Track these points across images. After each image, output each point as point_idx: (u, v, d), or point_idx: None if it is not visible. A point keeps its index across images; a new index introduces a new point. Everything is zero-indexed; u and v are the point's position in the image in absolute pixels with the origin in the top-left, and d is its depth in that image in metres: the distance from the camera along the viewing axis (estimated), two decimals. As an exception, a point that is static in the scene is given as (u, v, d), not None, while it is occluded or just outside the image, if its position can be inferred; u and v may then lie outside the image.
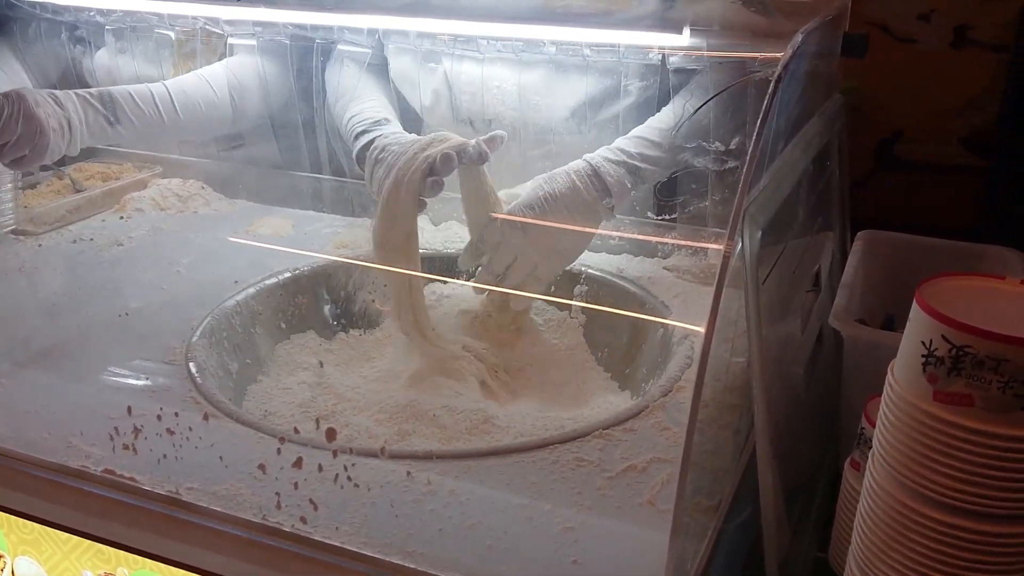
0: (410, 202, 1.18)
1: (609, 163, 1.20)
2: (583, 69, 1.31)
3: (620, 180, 1.20)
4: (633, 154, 1.21)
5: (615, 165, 1.20)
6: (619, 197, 1.21)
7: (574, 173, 1.19)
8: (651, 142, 1.22)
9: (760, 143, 0.74)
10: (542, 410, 1.17)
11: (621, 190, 1.20)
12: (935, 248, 1.27)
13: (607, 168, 1.20)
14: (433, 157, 1.16)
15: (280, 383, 1.22)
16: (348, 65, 1.47)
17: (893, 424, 0.71)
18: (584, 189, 1.18)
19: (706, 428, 0.77)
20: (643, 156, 1.21)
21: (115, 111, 1.44)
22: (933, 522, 0.69)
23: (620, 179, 1.20)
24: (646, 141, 1.22)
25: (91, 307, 1.26)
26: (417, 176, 1.16)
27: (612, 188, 1.20)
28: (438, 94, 1.42)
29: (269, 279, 1.33)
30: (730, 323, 0.80)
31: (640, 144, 1.22)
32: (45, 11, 1.64)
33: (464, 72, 1.38)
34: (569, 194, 1.18)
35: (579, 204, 1.18)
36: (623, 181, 1.20)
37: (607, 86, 1.32)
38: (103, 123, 1.43)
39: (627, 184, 1.21)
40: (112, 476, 0.88)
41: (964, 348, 0.65)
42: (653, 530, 0.81)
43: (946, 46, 1.61)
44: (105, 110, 1.43)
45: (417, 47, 1.40)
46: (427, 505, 0.84)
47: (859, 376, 1.07)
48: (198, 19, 1.50)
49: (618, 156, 1.21)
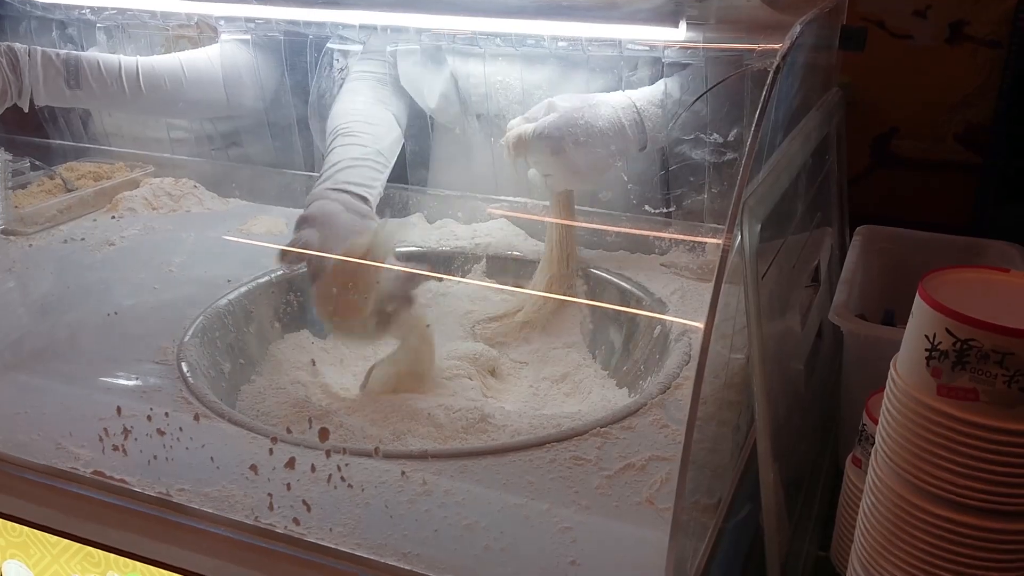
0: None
1: (652, 106, 1.19)
2: (586, 64, 1.30)
3: (655, 126, 1.20)
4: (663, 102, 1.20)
5: (656, 108, 1.19)
6: (652, 142, 1.20)
7: (621, 109, 1.18)
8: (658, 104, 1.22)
9: (759, 134, 0.73)
10: (539, 408, 1.16)
11: (655, 137, 1.20)
12: (934, 243, 1.27)
13: (649, 112, 1.19)
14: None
15: (273, 383, 1.21)
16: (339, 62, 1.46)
17: (896, 419, 0.70)
18: (628, 127, 1.17)
19: (705, 426, 0.76)
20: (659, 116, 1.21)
21: (77, 76, 1.47)
22: (937, 518, 0.68)
23: (656, 124, 1.20)
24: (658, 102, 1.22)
25: (82, 307, 1.24)
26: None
27: (649, 133, 1.19)
28: (445, 91, 1.41)
29: (262, 278, 1.32)
30: (728, 319, 0.79)
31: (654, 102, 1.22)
32: (36, 8, 1.63)
33: (470, 68, 1.37)
34: (610, 130, 1.17)
35: (616, 141, 1.18)
36: (658, 127, 1.20)
37: (610, 80, 1.31)
38: (62, 84, 1.47)
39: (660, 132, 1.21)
40: (102, 478, 0.87)
41: (969, 342, 0.64)
42: (652, 529, 0.80)
43: (942, 42, 1.61)
44: (67, 73, 1.46)
45: (422, 43, 1.39)
46: (422, 505, 0.83)
47: (859, 372, 1.06)
48: (192, 16, 1.49)
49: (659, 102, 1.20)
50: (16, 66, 1.43)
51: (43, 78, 1.45)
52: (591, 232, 1.38)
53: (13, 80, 1.42)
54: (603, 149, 1.18)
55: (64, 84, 1.47)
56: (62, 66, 1.47)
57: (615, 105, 1.19)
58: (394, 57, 1.43)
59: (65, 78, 1.47)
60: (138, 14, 1.54)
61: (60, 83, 1.47)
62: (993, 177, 1.63)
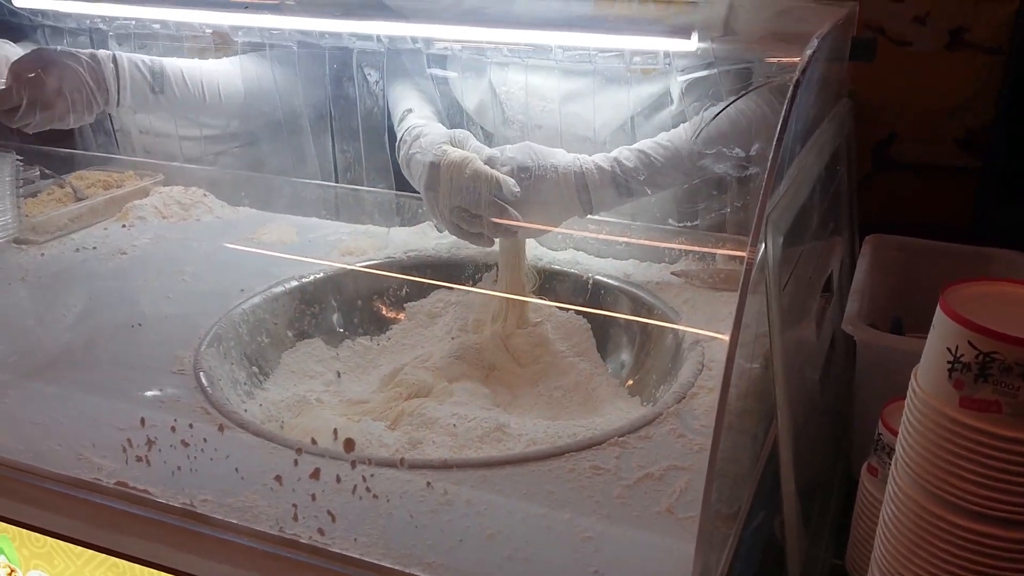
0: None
1: (598, 171, 1.19)
2: (622, 77, 1.31)
3: (602, 192, 1.19)
4: (628, 168, 1.19)
5: (603, 175, 1.19)
6: (598, 208, 1.21)
7: (561, 173, 1.18)
8: (651, 160, 1.20)
9: (780, 148, 0.74)
10: (553, 416, 1.17)
11: (601, 203, 1.20)
12: (942, 252, 1.28)
13: (593, 178, 1.18)
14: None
15: (288, 391, 1.21)
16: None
17: (917, 430, 0.71)
18: (565, 193, 1.18)
19: (726, 436, 0.76)
20: (636, 172, 1.19)
21: (162, 82, 1.52)
22: (960, 529, 0.69)
23: (603, 190, 1.19)
24: (647, 158, 1.20)
25: (96, 317, 1.25)
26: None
27: (593, 200, 1.19)
28: (484, 100, 1.43)
29: (275, 287, 1.33)
30: (746, 328, 0.79)
31: (639, 159, 1.20)
32: (48, 18, 1.63)
33: (509, 79, 1.39)
34: (549, 190, 1.17)
35: (557, 202, 1.18)
36: (606, 193, 1.19)
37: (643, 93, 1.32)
38: (147, 91, 1.52)
39: (610, 197, 1.20)
40: (125, 488, 0.87)
41: (991, 354, 0.65)
42: (673, 539, 0.81)
43: (941, 48, 1.62)
44: (152, 79, 1.51)
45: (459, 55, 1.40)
46: (445, 515, 0.84)
47: (873, 381, 1.07)
48: (210, 26, 1.50)
49: (611, 167, 1.19)
50: (98, 75, 1.46)
51: (130, 85, 1.49)
52: (601, 241, 1.39)
53: (96, 90, 1.46)
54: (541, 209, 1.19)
55: (149, 90, 1.52)
56: (148, 73, 1.51)
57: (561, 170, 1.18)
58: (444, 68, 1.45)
59: (151, 85, 1.51)
60: (149, 23, 1.55)
61: (146, 89, 1.51)
62: (993, 180, 1.64)
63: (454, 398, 1.18)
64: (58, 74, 1.43)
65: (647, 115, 1.34)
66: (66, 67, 1.44)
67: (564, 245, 1.42)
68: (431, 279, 1.38)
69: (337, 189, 1.62)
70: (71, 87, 1.44)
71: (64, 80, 1.43)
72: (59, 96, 1.43)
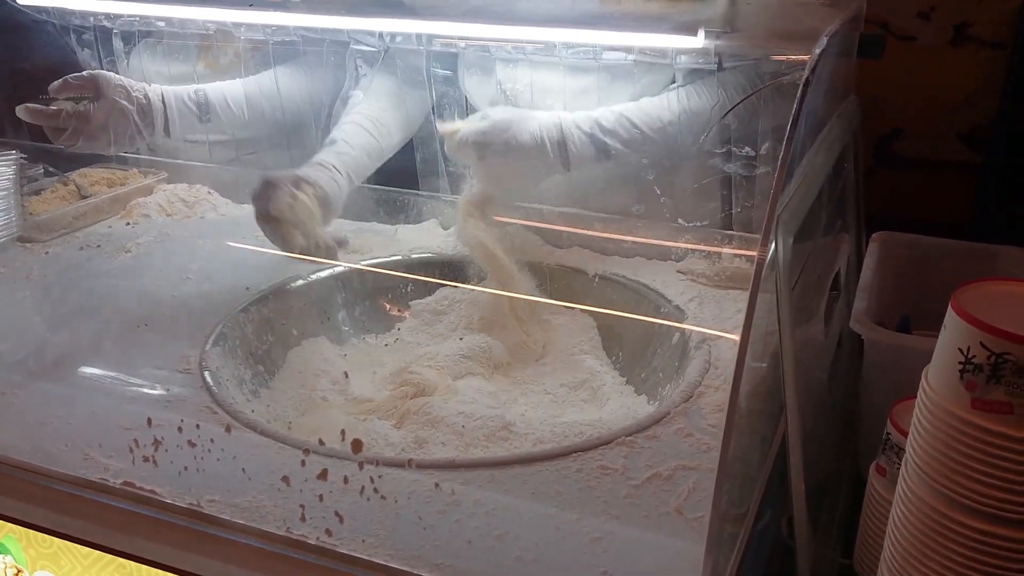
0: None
1: (579, 131, 1.22)
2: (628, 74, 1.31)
3: (582, 153, 1.23)
4: (607, 130, 1.23)
5: (584, 136, 1.23)
6: (576, 167, 1.25)
7: (544, 130, 1.21)
8: (631, 124, 1.24)
9: (791, 147, 0.73)
10: (558, 415, 1.16)
11: (580, 162, 1.24)
12: (949, 249, 1.27)
13: (574, 137, 1.22)
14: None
15: (293, 390, 1.21)
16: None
17: (928, 431, 0.70)
18: (549, 150, 1.22)
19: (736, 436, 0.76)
20: (616, 135, 1.23)
21: (208, 110, 1.56)
22: (971, 530, 0.69)
23: (583, 151, 1.23)
24: (627, 122, 1.24)
25: (102, 315, 1.24)
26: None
27: (572, 159, 1.23)
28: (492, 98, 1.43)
29: (280, 285, 1.32)
30: (755, 327, 0.79)
31: (620, 123, 1.24)
32: (53, 17, 1.63)
33: (515, 76, 1.39)
34: (530, 149, 1.21)
35: (536, 160, 1.22)
36: (585, 154, 1.24)
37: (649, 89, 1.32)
38: (194, 121, 1.56)
39: (589, 157, 1.24)
40: (132, 488, 0.87)
41: (1003, 355, 0.64)
42: (682, 539, 0.81)
43: (945, 43, 1.62)
44: (199, 109, 1.55)
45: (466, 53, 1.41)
46: (452, 516, 0.83)
47: (880, 380, 1.07)
48: (225, 24, 1.49)
49: (591, 128, 1.23)
50: (146, 111, 1.49)
51: (178, 118, 1.53)
52: (607, 238, 1.39)
53: (142, 125, 1.48)
54: (523, 162, 1.23)
55: (196, 120, 1.56)
56: (194, 104, 1.55)
57: (542, 124, 1.23)
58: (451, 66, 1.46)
59: (198, 115, 1.55)
60: (153, 21, 1.55)
61: (193, 120, 1.56)
62: (995, 176, 1.64)
63: (459, 396, 1.17)
64: (107, 108, 1.45)
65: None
66: (115, 103, 1.46)
67: (570, 243, 1.42)
68: (436, 277, 1.37)
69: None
70: (116, 122, 1.47)
71: (111, 115, 1.46)
72: (103, 131, 1.46)
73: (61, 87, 1.43)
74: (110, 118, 1.45)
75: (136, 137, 1.50)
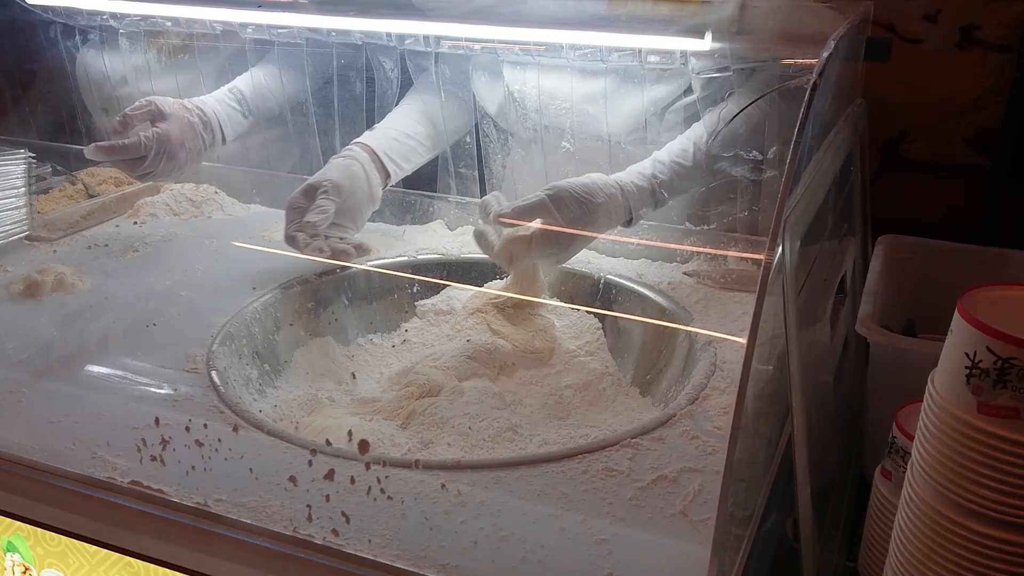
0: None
1: (636, 190, 1.22)
2: (636, 77, 1.31)
3: (640, 207, 1.24)
4: (663, 181, 1.24)
5: (642, 192, 1.23)
6: (636, 221, 1.26)
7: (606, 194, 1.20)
8: (683, 167, 1.24)
9: (798, 151, 0.73)
10: (563, 416, 1.17)
11: (638, 217, 1.25)
12: (955, 253, 1.27)
13: (634, 196, 1.22)
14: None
15: (300, 390, 1.21)
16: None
17: (934, 435, 0.70)
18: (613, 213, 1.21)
19: (742, 438, 0.76)
20: (669, 184, 1.24)
21: (248, 105, 1.57)
22: (977, 535, 0.69)
23: (641, 206, 1.24)
24: (679, 167, 1.24)
25: (109, 314, 1.25)
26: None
27: (633, 215, 1.24)
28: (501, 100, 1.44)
29: (287, 285, 1.33)
30: (761, 330, 0.79)
31: (672, 170, 1.24)
32: (59, 16, 1.63)
33: (523, 79, 1.39)
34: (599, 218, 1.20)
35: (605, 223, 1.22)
36: (644, 208, 1.24)
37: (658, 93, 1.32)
38: (240, 118, 1.57)
39: (648, 210, 1.25)
40: (139, 488, 0.87)
41: (1010, 360, 0.65)
42: (688, 542, 0.81)
43: (952, 46, 1.61)
44: (240, 105, 1.56)
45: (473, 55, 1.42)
46: (458, 516, 0.84)
47: (886, 383, 1.07)
48: (231, 24, 1.50)
49: (648, 183, 1.23)
50: (207, 121, 1.50)
51: (228, 120, 1.54)
52: (613, 240, 1.39)
53: (207, 137, 1.49)
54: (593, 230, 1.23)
55: (241, 117, 1.57)
56: (235, 103, 1.56)
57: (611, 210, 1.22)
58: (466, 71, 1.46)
59: (241, 112, 1.55)
60: (160, 20, 1.55)
61: (239, 118, 1.57)
62: (1002, 180, 1.64)
63: (465, 397, 1.18)
64: (178, 126, 1.46)
65: (661, 116, 1.33)
66: (182, 119, 1.47)
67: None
68: (442, 278, 1.38)
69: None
70: (189, 138, 1.48)
71: (183, 131, 1.47)
72: (182, 148, 1.47)
73: (126, 120, 1.43)
74: (183, 135, 1.47)
75: (203, 150, 1.50)
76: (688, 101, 1.32)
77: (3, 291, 1.31)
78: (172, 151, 1.44)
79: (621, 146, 1.37)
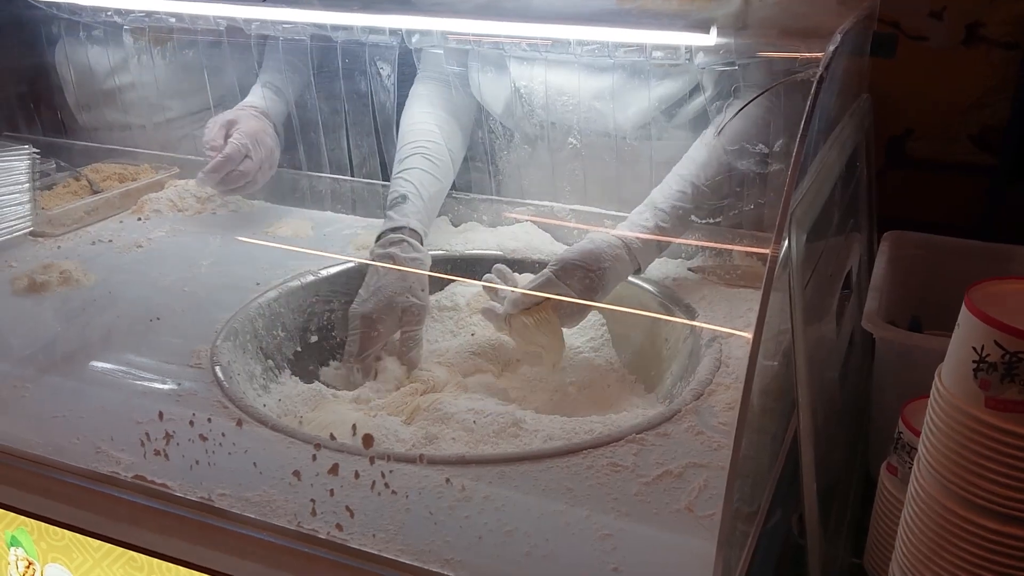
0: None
1: (642, 244, 1.21)
2: (643, 73, 1.30)
3: (647, 259, 1.23)
4: (666, 229, 1.22)
5: (647, 245, 1.22)
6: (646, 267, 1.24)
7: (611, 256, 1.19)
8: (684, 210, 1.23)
9: (804, 145, 0.73)
10: (568, 412, 1.16)
11: (647, 263, 1.24)
12: (961, 249, 1.27)
13: (641, 251, 1.21)
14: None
15: (303, 385, 1.21)
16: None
17: (941, 430, 0.70)
18: (621, 272, 1.20)
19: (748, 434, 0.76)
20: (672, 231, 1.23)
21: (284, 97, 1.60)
22: (984, 530, 0.68)
23: (648, 257, 1.23)
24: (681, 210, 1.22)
25: (113, 310, 1.25)
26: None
27: (642, 265, 1.23)
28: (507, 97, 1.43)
29: (291, 281, 1.33)
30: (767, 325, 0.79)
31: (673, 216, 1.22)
32: (63, 12, 1.63)
33: (530, 75, 1.38)
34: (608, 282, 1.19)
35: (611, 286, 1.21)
36: (651, 255, 1.24)
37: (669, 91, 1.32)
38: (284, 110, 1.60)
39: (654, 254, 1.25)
40: (143, 482, 0.87)
41: (1018, 354, 0.64)
42: (693, 537, 0.81)
43: (957, 43, 1.60)
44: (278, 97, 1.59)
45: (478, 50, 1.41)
46: (462, 511, 0.84)
47: (892, 379, 1.06)
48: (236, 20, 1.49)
49: (651, 233, 1.22)
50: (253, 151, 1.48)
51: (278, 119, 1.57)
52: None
53: (253, 166, 1.48)
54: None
55: (284, 108, 1.59)
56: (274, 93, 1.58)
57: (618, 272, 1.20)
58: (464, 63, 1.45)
59: (274, 126, 1.55)
60: (164, 17, 1.55)
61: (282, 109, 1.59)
62: (1007, 177, 1.63)
63: (469, 393, 1.18)
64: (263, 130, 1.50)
65: (669, 112, 1.33)
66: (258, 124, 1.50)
67: (579, 239, 1.42)
68: (446, 274, 1.37)
69: (352, 183, 1.61)
70: (273, 143, 1.51)
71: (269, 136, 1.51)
72: (272, 153, 1.51)
73: (217, 133, 1.46)
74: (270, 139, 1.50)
75: (257, 178, 1.50)
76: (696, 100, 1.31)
77: (7, 287, 1.31)
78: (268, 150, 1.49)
79: (627, 142, 1.37)
